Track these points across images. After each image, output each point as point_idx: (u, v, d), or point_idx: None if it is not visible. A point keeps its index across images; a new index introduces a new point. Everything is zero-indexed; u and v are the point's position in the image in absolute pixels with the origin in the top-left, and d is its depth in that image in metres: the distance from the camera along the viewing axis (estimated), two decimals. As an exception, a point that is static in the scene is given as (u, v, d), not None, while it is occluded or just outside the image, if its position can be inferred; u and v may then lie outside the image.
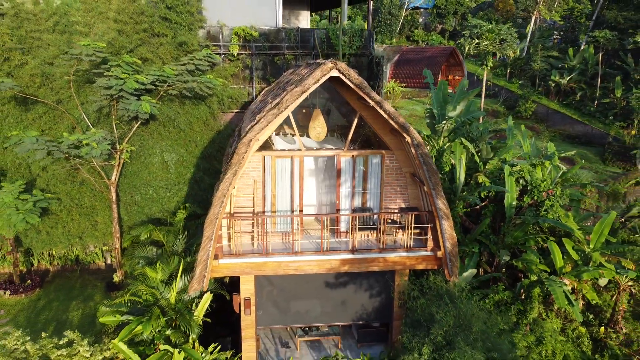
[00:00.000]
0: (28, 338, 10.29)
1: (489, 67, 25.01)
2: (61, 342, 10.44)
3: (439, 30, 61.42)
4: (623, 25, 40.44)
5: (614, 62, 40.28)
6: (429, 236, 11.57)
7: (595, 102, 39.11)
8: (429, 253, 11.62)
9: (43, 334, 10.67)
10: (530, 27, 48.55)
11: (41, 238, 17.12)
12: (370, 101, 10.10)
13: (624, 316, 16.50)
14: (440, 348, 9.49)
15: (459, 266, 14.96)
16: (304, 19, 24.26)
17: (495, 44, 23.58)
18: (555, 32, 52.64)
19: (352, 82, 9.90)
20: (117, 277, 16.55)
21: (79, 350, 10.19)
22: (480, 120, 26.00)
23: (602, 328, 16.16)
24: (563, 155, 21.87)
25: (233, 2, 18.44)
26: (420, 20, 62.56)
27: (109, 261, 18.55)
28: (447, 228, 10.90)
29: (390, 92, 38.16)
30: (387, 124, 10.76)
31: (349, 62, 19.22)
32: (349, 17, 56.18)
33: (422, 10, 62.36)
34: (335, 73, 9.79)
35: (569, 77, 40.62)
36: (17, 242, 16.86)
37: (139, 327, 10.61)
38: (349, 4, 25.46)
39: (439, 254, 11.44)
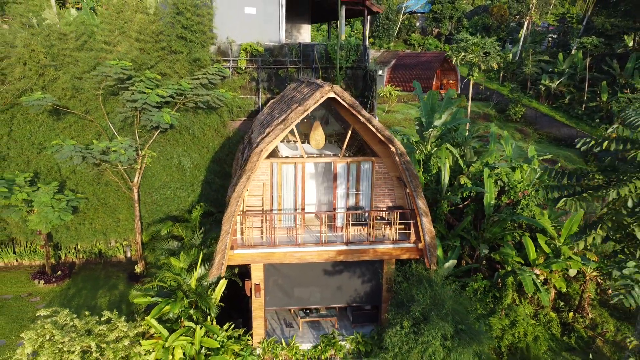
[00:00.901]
0: (75, 315, 12.30)
1: (476, 75, 26.96)
2: (102, 319, 12.44)
3: (436, 34, 63.31)
4: (610, 32, 42.34)
5: (602, 67, 42.15)
6: (412, 231, 13.58)
7: (583, 105, 41.04)
8: (411, 245, 13.63)
9: (86, 313, 12.68)
10: (523, 32, 50.42)
11: (70, 233, 19.14)
12: (361, 118, 12.10)
13: (590, 303, 18.49)
14: (418, 322, 11.50)
15: (442, 257, 17.02)
16: (305, 32, 26.20)
17: (480, 56, 25.53)
18: (550, 35, 54.46)
19: (346, 102, 11.89)
20: (138, 268, 18.53)
21: (118, 326, 12.19)
22: (467, 126, 27.94)
23: (571, 314, 18.16)
24: (542, 158, 23.86)
25: (241, 21, 20.38)
26: (417, 24, 64.45)
27: (128, 254, 20.53)
28: (427, 224, 12.90)
29: (386, 96, 40.09)
30: (376, 136, 12.74)
31: (346, 74, 21.18)
32: (348, 22, 58.12)
33: (419, 14, 64.22)
34: (332, 95, 11.79)
35: (558, 81, 42.55)
36: (48, 237, 18.85)
37: (167, 306, 12.65)
38: (347, 18, 27.41)
39: (420, 245, 13.45)
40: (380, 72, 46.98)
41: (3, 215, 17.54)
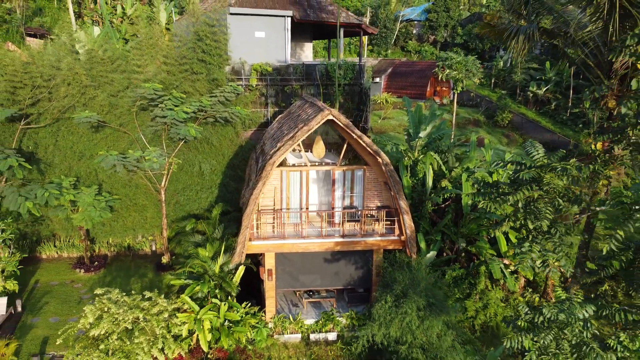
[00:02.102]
0: (124, 294, 15.30)
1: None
2: (145, 298, 15.42)
3: (432, 41, 66.20)
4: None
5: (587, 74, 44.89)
6: (396, 226, 16.56)
7: (568, 111, 43.95)
8: (395, 238, 16.62)
9: (133, 292, 15.67)
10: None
11: (105, 229, 22.17)
12: (354, 135, 15.07)
13: (553, 289, 21.45)
14: (399, 298, 14.48)
15: (425, 249, 19.98)
16: (308, 49, 29.19)
17: (463, 72, 28.47)
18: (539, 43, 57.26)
19: (342, 123, 14.87)
20: (165, 259, 21.52)
21: (158, 302, 15.17)
22: (452, 135, 30.91)
23: (537, 298, 21.11)
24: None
25: (252, 44, 23.35)
26: (414, 32, 67.31)
27: (153, 248, 23.50)
28: (407, 220, 15.87)
29: (383, 103, 43.04)
30: (366, 149, 15.71)
31: (344, 90, 24.15)
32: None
33: (415, 22, 67.09)
34: (330, 117, 14.77)
35: (545, 88, 45.45)
36: (87, 232, 21.85)
37: (198, 287, 15.67)
38: (345, 37, 30.39)
39: (403, 238, 16.43)
40: (377, 80, 49.99)
41: (50, 214, 20.54)
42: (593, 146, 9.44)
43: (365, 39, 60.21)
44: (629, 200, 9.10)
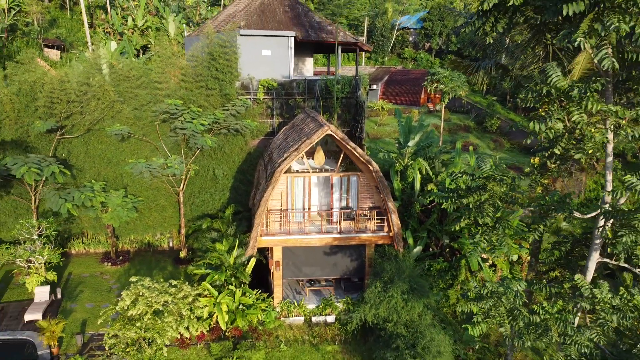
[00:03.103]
0: (154, 280, 18.04)
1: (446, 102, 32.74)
2: (172, 284, 18.16)
3: (427, 48, 69.05)
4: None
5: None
6: (385, 224, 19.32)
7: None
8: (385, 234, 19.39)
9: (161, 279, 18.41)
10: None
11: (129, 227, 24.93)
12: (349, 147, 17.82)
13: (510, 272, 24.13)
14: (386, 284, 17.24)
15: (413, 245, 22.74)
16: (309, 63, 31.94)
17: (449, 86, 31.27)
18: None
19: (339, 137, 17.64)
20: (182, 254, 24.26)
21: (184, 288, 17.91)
22: (441, 141, 33.69)
23: (495, 278, 23.80)
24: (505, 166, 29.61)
25: (259, 61, 26.08)
26: (410, 39, 70.15)
27: (171, 244, 26.23)
28: (395, 219, 18.63)
29: (379, 110, 45.82)
30: (359, 159, 18.47)
31: (342, 103, 26.90)
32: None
33: (411, 30, 69.92)
34: (329, 132, 17.53)
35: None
36: (113, 230, 24.58)
37: (217, 276, 18.44)
38: (342, 52, 33.18)
39: (391, 234, 19.20)
40: (374, 87, 52.81)
41: (81, 214, 23.28)
42: (532, 160, 12.14)
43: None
44: (545, 203, 11.85)
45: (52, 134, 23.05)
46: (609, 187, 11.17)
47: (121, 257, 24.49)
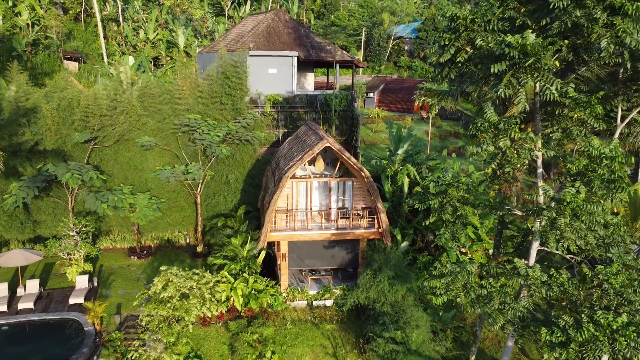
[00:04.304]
0: (181, 268, 21.41)
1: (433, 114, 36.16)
2: (195, 272, 21.51)
3: (422, 56, 72.46)
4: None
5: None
6: (376, 222, 22.72)
7: (538, 124, 50.11)
8: (375, 230, 22.79)
9: (186, 268, 21.78)
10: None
11: (152, 225, 28.31)
12: (344, 156, 21.22)
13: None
14: (375, 271, 20.65)
15: (401, 240, 26.12)
16: (310, 78, 35.38)
17: (435, 100, 34.67)
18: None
19: (336, 149, 21.04)
20: (199, 249, 27.61)
21: (205, 276, 21.28)
22: (429, 148, 37.05)
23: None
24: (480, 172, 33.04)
25: (266, 78, 29.50)
26: (406, 47, 73.58)
27: (188, 241, 29.59)
28: (383, 218, 22.04)
29: (375, 118, 49.18)
30: (353, 166, 21.87)
31: (339, 115, 30.30)
32: (345, 47, 67.25)
33: (407, 39, 73.36)
34: (328, 144, 20.95)
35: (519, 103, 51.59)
36: (138, 228, 27.94)
37: (233, 265, 21.84)
38: (340, 68, 36.62)
39: (380, 230, 22.60)
40: (371, 95, 56.23)
41: (110, 213, 26.64)
42: (486, 170, 15.44)
43: (360, 55, 66.46)
44: (489, 204, 15.31)
45: (87, 143, 26.43)
46: (540, 191, 14.54)
47: (145, 252, 27.85)
